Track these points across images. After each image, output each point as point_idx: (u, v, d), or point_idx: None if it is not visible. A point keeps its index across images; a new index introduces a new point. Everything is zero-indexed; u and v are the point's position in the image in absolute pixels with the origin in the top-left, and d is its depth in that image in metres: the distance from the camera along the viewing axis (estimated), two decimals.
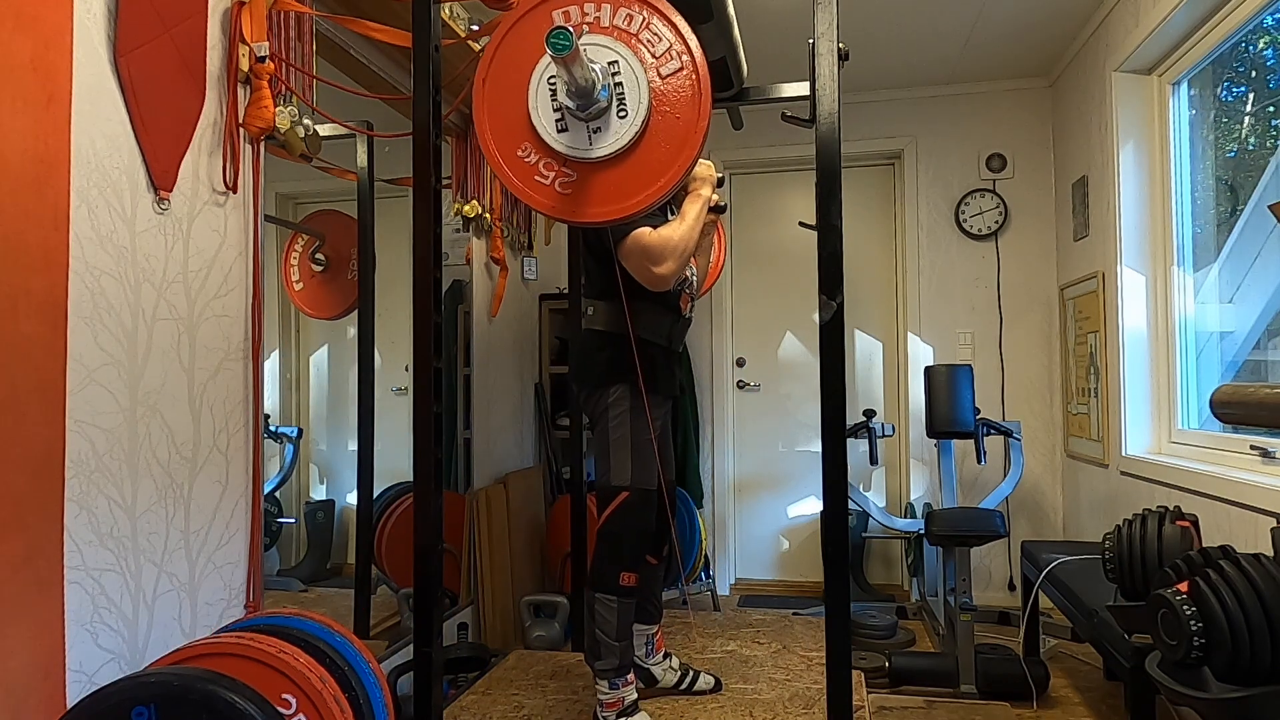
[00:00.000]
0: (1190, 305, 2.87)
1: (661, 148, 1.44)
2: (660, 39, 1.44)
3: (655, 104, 1.43)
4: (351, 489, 2.38)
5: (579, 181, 1.46)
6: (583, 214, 1.47)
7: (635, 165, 1.45)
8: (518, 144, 1.48)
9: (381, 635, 2.39)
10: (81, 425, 1.38)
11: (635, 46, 1.44)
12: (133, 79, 1.47)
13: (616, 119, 1.43)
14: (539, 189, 1.48)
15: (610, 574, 1.88)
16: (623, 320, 1.91)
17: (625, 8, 1.45)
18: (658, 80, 1.44)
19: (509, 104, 1.48)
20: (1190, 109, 2.87)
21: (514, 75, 1.48)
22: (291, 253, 2.06)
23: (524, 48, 1.47)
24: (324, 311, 2.24)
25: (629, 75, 1.43)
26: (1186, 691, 1.40)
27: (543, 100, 1.45)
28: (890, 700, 2.57)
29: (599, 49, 1.44)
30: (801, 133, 2.47)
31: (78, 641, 1.37)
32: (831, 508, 1.57)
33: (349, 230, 2.25)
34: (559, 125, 1.45)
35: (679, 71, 1.43)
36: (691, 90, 1.43)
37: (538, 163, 1.48)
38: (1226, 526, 2.22)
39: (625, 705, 1.90)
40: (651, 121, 1.43)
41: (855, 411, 3.86)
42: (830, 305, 1.54)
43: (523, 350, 3.50)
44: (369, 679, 1.55)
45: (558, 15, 1.46)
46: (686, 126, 1.43)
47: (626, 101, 1.43)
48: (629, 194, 1.45)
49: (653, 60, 1.44)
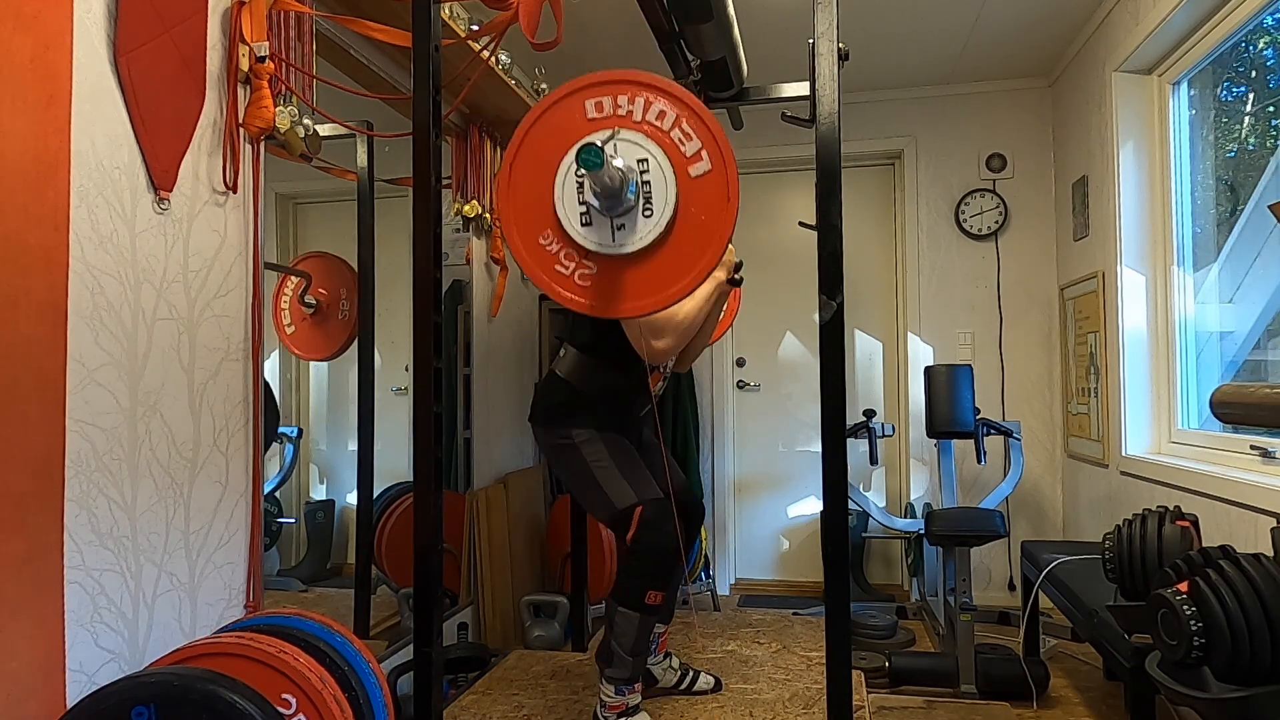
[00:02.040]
0: (1190, 305, 2.87)
1: (685, 249, 1.41)
2: (692, 138, 1.41)
3: (682, 204, 1.41)
4: (351, 489, 2.38)
5: (599, 275, 1.44)
6: (598, 308, 1.45)
7: (657, 265, 1.43)
8: (540, 230, 1.46)
9: (381, 635, 2.39)
10: (81, 425, 1.38)
11: (666, 144, 1.41)
12: (133, 79, 1.47)
13: (642, 217, 1.41)
14: (558, 278, 1.46)
15: (636, 590, 1.84)
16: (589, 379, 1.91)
17: (659, 103, 1.42)
18: (686, 180, 1.41)
19: (535, 189, 1.46)
20: (1190, 109, 2.87)
21: (542, 161, 1.46)
22: (281, 297, 2.07)
23: (555, 135, 1.45)
24: (316, 353, 2.26)
25: (657, 174, 1.41)
26: (1186, 691, 1.40)
27: (569, 192, 1.43)
28: (890, 700, 2.57)
29: (629, 145, 1.41)
30: (801, 133, 2.47)
31: (78, 641, 1.37)
32: (831, 508, 1.57)
33: (337, 270, 2.26)
34: (583, 219, 1.43)
35: (708, 173, 1.41)
36: (720, 193, 1.40)
37: (559, 252, 1.46)
38: (1226, 526, 2.22)
39: (628, 708, 1.90)
40: (677, 222, 1.41)
41: (855, 411, 3.86)
42: (830, 305, 1.54)
43: (523, 350, 3.50)
44: (369, 679, 1.56)
45: (590, 105, 1.44)
46: (712, 228, 1.40)
47: (653, 200, 1.41)
48: (647, 293, 1.43)
49: (683, 160, 1.41)
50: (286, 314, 2.09)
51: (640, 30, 2.80)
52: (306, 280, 2.13)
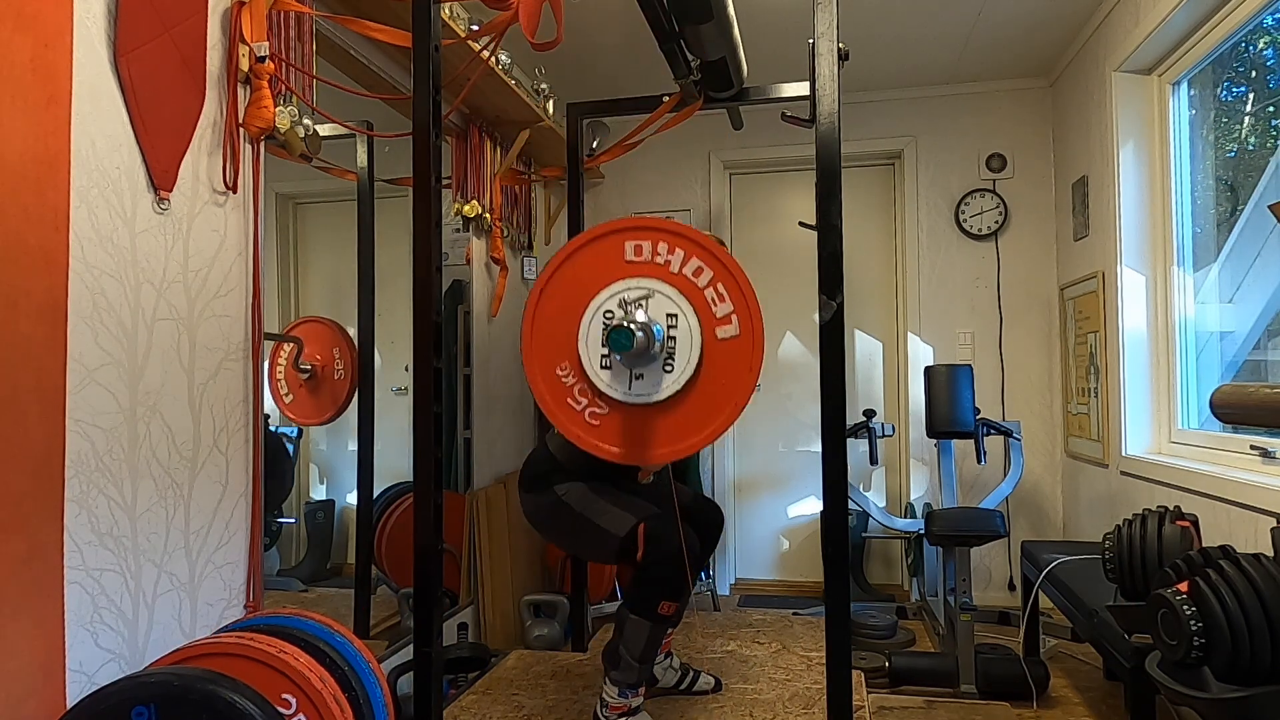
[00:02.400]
0: (1190, 305, 2.87)
1: (699, 410, 1.41)
2: (725, 300, 1.41)
3: (705, 365, 1.40)
4: (351, 489, 2.38)
5: (609, 418, 1.44)
6: (604, 449, 1.45)
7: (668, 421, 1.42)
8: (559, 360, 1.46)
9: (381, 635, 2.39)
10: (81, 425, 1.38)
11: (698, 302, 1.41)
12: (133, 79, 1.47)
13: (662, 371, 1.40)
14: (568, 411, 1.46)
15: (651, 599, 1.83)
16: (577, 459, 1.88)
17: (698, 259, 1.41)
18: (712, 341, 1.40)
19: (562, 319, 1.45)
20: (1190, 109, 2.87)
21: (575, 293, 1.45)
22: (276, 366, 2.08)
23: (592, 269, 1.45)
24: (316, 418, 2.26)
25: (685, 332, 1.40)
26: (1186, 691, 1.40)
27: (595, 331, 1.43)
28: (890, 700, 2.57)
29: (662, 299, 1.41)
30: (801, 133, 2.47)
31: (78, 641, 1.37)
32: (831, 508, 1.57)
33: (328, 332, 2.27)
34: (604, 361, 1.42)
35: (735, 338, 1.40)
36: (744, 360, 1.39)
37: (573, 386, 1.45)
38: (1226, 526, 2.22)
39: (630, 709, 1.90)
40: (696, 383, 1.40)
41: (855, 411, 3.86)
42: (830, 305, 1.54)
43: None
44: (369, 679, 1.55)
45: (630, 247, 1.43)
46: (730, 393, 1.39)
47: (676, 357, 1.40)
48: (657, 443, 1.43)
49: (712, 320, 1.40)
50: (283, 383, 2.10)
51: (640, 30, 2.81)
52: (298, 346, 2.13)
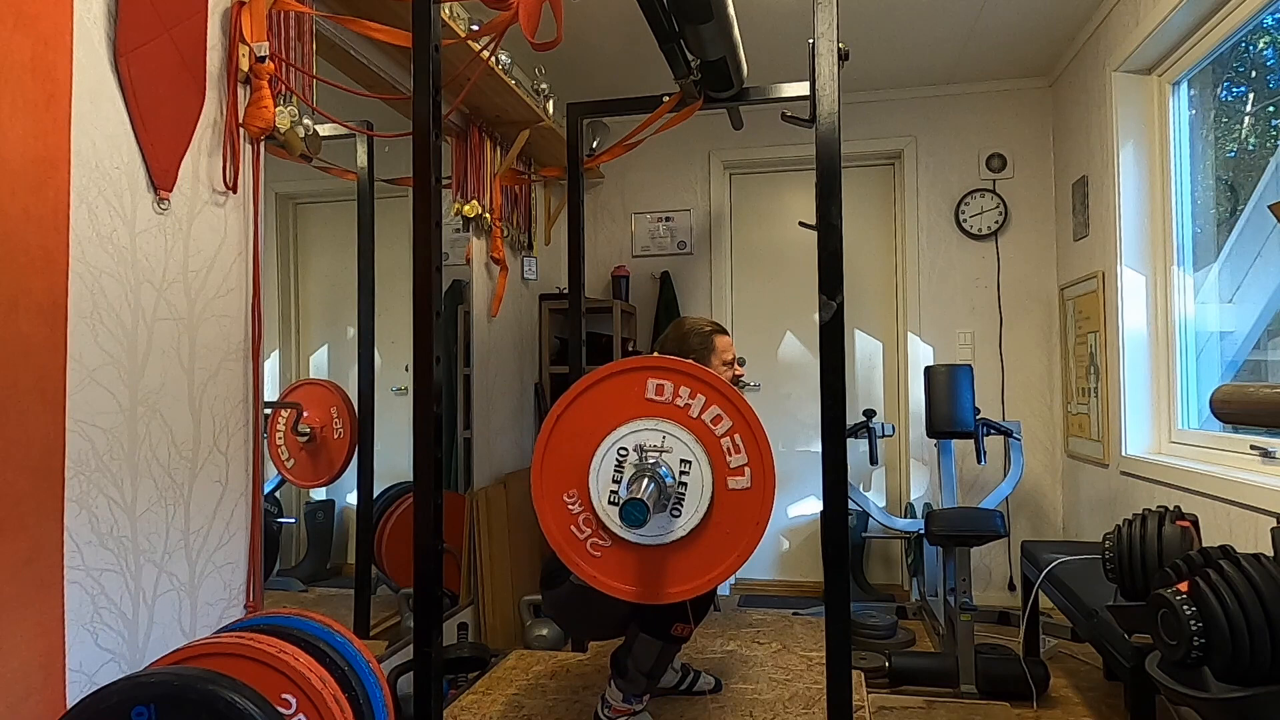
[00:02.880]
0: (1190, 305, 2.87)
1: (703, 555, 1.40)
2: (740, 451, 1.40)
3: (712, 513, 1.39)
4: (351, 489, 2.38)
5: (612, 550, 1.44)
6: (597, 580, 1.45)
7: (672, 562, 1.41)
8: (567, 488, 1.46)
9: (381, 635, 2.39)
10: (81, 425, 1.38)
11: (713, 450, 1.40)
12: (133, 79, 1.47)
13: (669, 516, 1.40)
14: (570, 540, 1.46)
15: (665, 621, 1.83)
16: None
17: (718, 407, 1.41)
18: (723, 490, 1.39)
19: (576, 446, 1.45)
20: (1190, 109, 2.87)
21: (592, 423, 1.45)
22: (275, 432, 2.09)
23: (611, 402, 1.45)
24: (317, 481, 2.28)
25: (696, 480, 1.39)
26: (1186, 691, 1.40)
27: (606, 467, 1.42)
28: (890, 700, 2.57)
29: (677, 443, 1.40)
30: (801, 133, 2.47)
31: (78, 641, 1.37)
32: (831, 508, 1.57)
33: (326, 395, 2.28)
34: (611, 497, 1.42)
35: (746, 491, 1.39)
36: (752, 514, 1.39)
37: (579, 515, 1.45)
38: (1226, 526, 2.22)
39: (633, 713, 1.91)
40: (703, 529, 1.40)
41: (855, 411, 3.86)
42: (830, 305, 1.54)
43: (523, 350, 3.50)
44: (369, 679, 1.55)
45: (651, 385, 1.43)
46: (733, 544, 1.39)
47: (684, 504, 1.39)
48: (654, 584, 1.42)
49: (725, 469, 1.40)
50: (284, 449, 2.11)
51: (640, 30, 2.81)
52: (297, 411, 2.15)
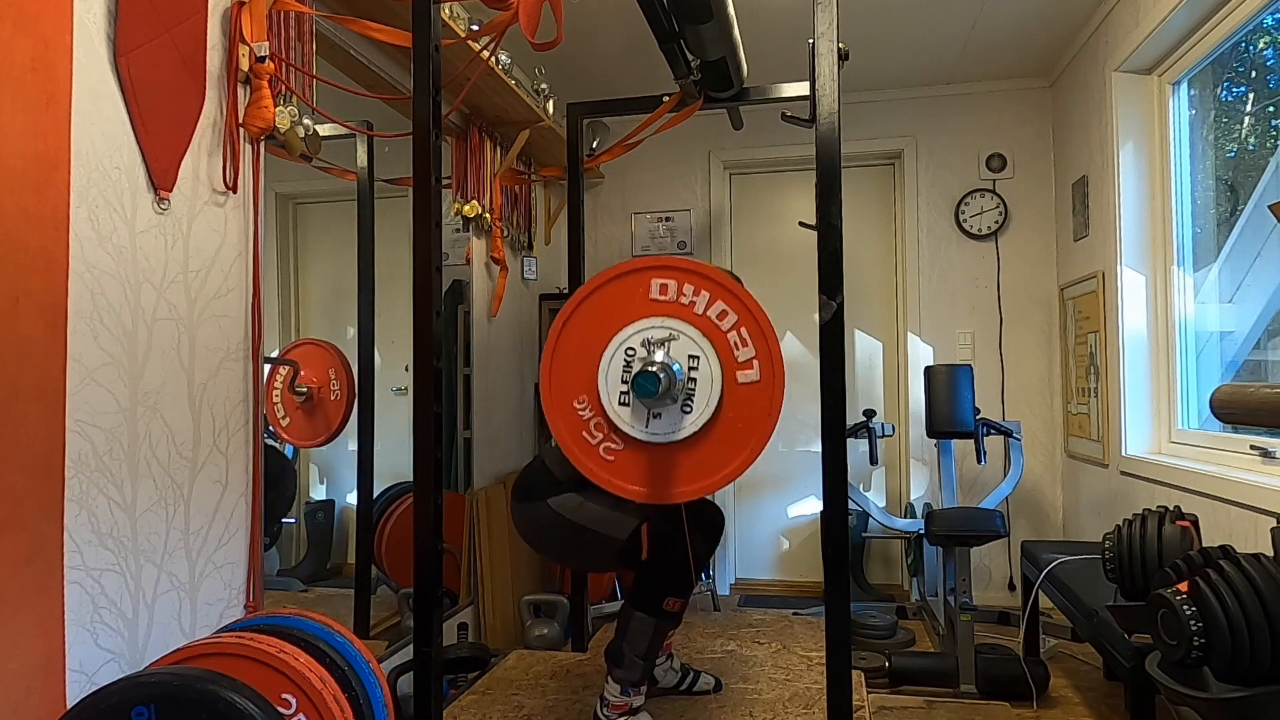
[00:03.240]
0: (1190, 305, 2.87)
1: (715, 452, 1.41)
2: (747, 344, 1.40)
3: (723, 407, 1.40)
4: (351, 489, 2.38)
5: (625, 453, 1.44)
6: (612, 483, 1.45)
7: (684, 460, 1.42)
8: (577, 394, 1.46)
9: (381, 635, 2.39)
10: (81, 425, 1.38)
11: (720, 345, 1.40)
12: (133, 79, 1.47)
13: (680, 412, 1.40)
14: (583, 445, 1.45)
15: (656, 596, 1.84)
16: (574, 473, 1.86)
17: (723, 302, 1.41)
18: (733, 384, 1.40)
19: (583, 352, 1.45)
20: (1190, 109, 2.87)
21: (598, 328, 1.45)
22: (273, 390, 2.08)
23: (616, 305, 1.45)
24: (313, 440, 2.26)
25: (705, 374, 1.40)
26: (1186, 691, 1.40)
27: (615, 367, 1.43)
28: (890, 700, 2.57)
29: (685, 340, 1.40)
30: (801, 133, 2.47)
31: (78, 641, 1.37)
32: (831, 508, 1.57)
33: (325, 355, 2.28)
34: (622, 398, 1.42)
35: (756, 383, 1.40)
36: (764, 405, 1.39)
37: (590, 420, 1.45)
38: (1226, 526, 2.22)
39: (631, 709, 1.90)
40: (714, 425, 1.40)
41: (855, 411, 3.86)
42: (830, 305, 1.54)
43: (523, 350, 3.50)
44: (369, 679, 1.55)
45: (656, 285, 1.43)
46: (747, 436, 1.39)
47: (695, 399, 1.40)
48: (669, 484, 1.42)
49: (734, 364, 1.40)
50: (280, 407, 2.10)
51: (640, 30, 2.81)
52: (294, 369, 2.14)
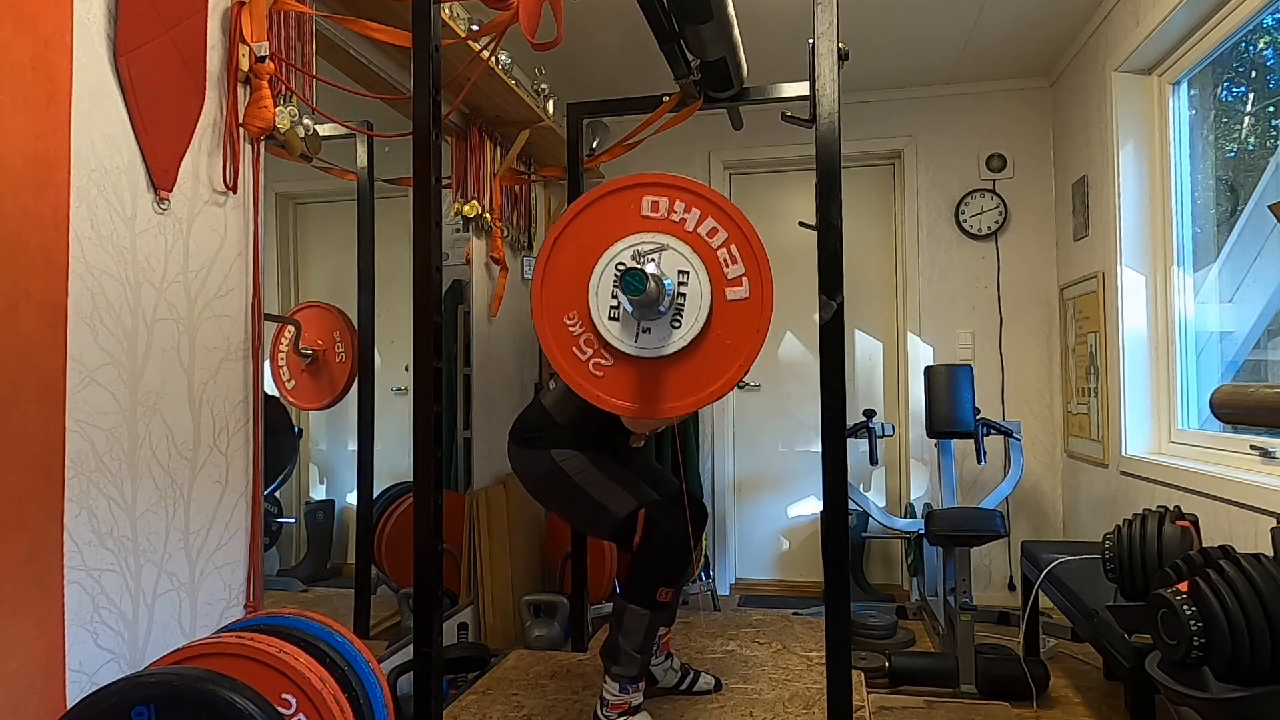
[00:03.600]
0: (1190, 305, 2.87)
1: (703, 368, 1.42)
2: (737, 261, 1.41)
3: (712, 324, 1.41)
4: (351, 489, 2.38)
5: (614, 369, 1.45)
6: (601, 399, 1.46)
7: (672, 375, 1.43)
8: (567, 310, 1.47)
9: (381, 635, 2.39)
10: (81, 425, 1.38)
11: (710, 262, 1.41)
12: (133, 79, 1.47)
13: (669, 327, 1.41)
14: (572, 360, 1.46)
15: (647, 587, 1.85)
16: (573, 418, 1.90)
17: (714, 220, 1.42)
18: (721, 301, 1.41)
19: (574, 268, 1.46)
20: (1190, 109, 2.87)
21: (588, 244, 1.46)
22: (278, 353, 2.08)
23: (607, 222, 1.45)
24: (318, 402, 2.26)
25: (695, 291, 1.41)
26: (1186, 691, 1.40)
27: (605, 283, 1.44)
28: (890, 700, 2.57)
29: (675, 255, 1.41)
30: (801, 133, 2.47)
31: (78, 641, 1.37)
32: (831, 508, 1.57)
33: (329, 316, 2.27)
34: (612, 313, 1.43)
35: (745, 300, 1.41)
36: (752, 322, 1.40)
37: (580, 336, 1.46)
38: (1226, 526, 2.22)
39: (630, 707, 1.91)
40: (703, 341, 1.41)
41: (855, 411, 3.86)
42: (830, 305, 1.54)
43: (523, 350, 3.50)
44: (369, 679, 1.55)
45: (647, 202, 1.44)
46: (735, 353, 1.40)
47: (684, 315, 1.41)
48: (657, 398, 1.43)
49: (723, 281, 1.41)
50: (285, 370, 2.10)
51: (640, 30, 2.81)
52: (297, 329, 2.13)
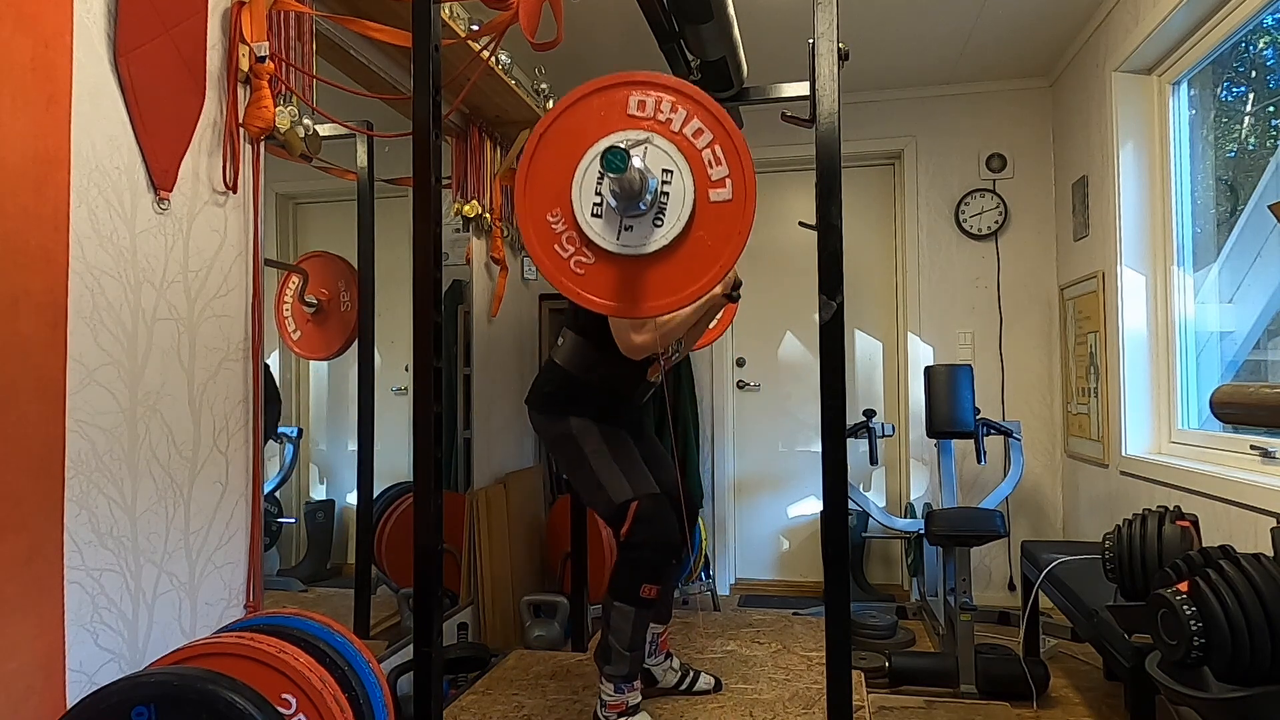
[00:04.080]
0: (1190, 305, 2.87)
1: (684, 267, 1.42)
2: (721, 163, 1.41)
3: (694, 224, 1.41)
4: (351, 489, 2.38)
5: (594, 268, 1.45)
6: (583, 297, 1.46)
7: (652, 275, 1.43)
8: (550, 208, 1.47)
9: (381, 635, 2.39)
10: (81, 425, 1.38)
11: (695, 162, 1.42)
12: (133, 79, 1.47)
13: (651, 225, 1.41)
14: (555, 259, 1.47)
15: (632, 584, 1.86)
16: (586, 365, 1.91)
17: (699, 120, 1.42)
18: (704, 202, 1.41)
19: (557, 167, 1.47)
20: (1190, 109, 2.87)
21: (571, 142, 1.46)
22: (283, 301, 2.07)
23: (592, 119, 1.45)
24: (321, 353, 2.26)
25: (678, 190, 1.41)
26: (1186, 691, 1.40)
27: (589, 179, 1.44)
28: (890, 700, 2.57)
29: (659, 154, 1.42)
30: (801, 133, 2.46)
31: (78, 641, 1.37)
32: (831, 508, 1.57)
33: (336, 267, 2.27)
34: (595, 210, 1.44)
35: (727, 203, 1.41)
36: (734, 224, 1.41)
37: (562, 234, 1.47)
38: (1226, 526, 2.22)
39: (628, 708, 1.91)
40: (684, 240, 1.42)
41: (855, 411, 3.86)
42: (830, 305, 1.54)
43: (523, 350, 3.50)
44: (369, 679, 1.55)
45: (634, 100, 1.44)
46: (716, 255, 1.41)
47: (666, 214, 1.41)
48: (636, 298, 1.44)
49: (706, 182, 1.42)
50: (290, 319, 2.09)
51: (640, 30, 2.81)
52: (304, 278, 2.12)
